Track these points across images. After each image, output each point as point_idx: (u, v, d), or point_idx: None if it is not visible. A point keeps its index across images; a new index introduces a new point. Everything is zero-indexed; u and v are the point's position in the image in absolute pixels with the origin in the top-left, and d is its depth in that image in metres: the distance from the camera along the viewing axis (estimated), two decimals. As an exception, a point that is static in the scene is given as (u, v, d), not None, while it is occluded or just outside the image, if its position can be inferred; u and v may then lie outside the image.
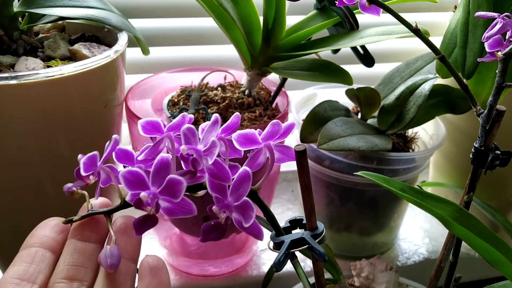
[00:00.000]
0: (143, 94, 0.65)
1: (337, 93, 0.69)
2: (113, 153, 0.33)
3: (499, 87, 0.36)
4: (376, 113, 0.63)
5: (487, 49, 0.40)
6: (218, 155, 0.34)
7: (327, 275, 0.59)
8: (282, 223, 0.79)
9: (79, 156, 0.31)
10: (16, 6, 0.52)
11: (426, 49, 0.45)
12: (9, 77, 0.41)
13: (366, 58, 0.57)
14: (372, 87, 0.62)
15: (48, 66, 0.48)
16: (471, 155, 0.39)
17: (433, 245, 0.73)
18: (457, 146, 0.70)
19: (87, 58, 0.48)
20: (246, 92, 0.61)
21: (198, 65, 0.70)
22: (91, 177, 0.32)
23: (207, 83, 0.64)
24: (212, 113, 0.57)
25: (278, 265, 0.34)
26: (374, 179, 0.37)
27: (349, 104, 0.67)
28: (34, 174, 0.48)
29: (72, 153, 0.32)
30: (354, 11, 0.54)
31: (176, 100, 0.61)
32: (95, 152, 0.31)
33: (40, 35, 0.56)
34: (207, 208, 0.31)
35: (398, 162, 0.59)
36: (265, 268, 0.69)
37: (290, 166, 0.85)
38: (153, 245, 0.71)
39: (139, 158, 0.33)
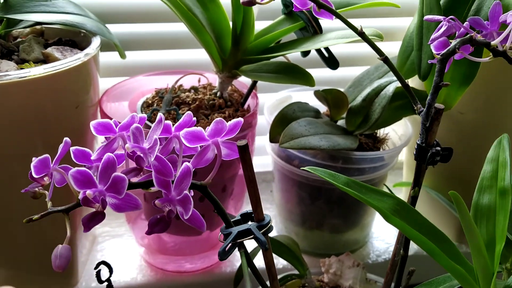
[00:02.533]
0: (120, 96, 0.67)
1: (312, 96, 0.71)
2: (71, 153, 0.35)
3: (436, 86, 0.38)
4: (345, 115, 0.65)
5: (433, 51, 0.43)
6: (173, 152, 0.36)
7: (295, 271, 0.61)
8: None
9: (33, 159, 0.34)
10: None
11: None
12: (-21, 79, 0.44)
13: (331, 61, 0.59)
14: (339, 89, 0.64)
15: (22, 69, 0.50)
16: (414, 151, 0.41)
17: (404, 243, 0.75)
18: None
19: (59, 61, 0.50)
20: (218, 94, 0.63)
21: (175, 68, 0.72)
22: (45, 178, 0.34)
23: (181, 85, 0.66)
24: (183, 114, 0.59)
25: (222, 253, 0.36)
26: (320, 174, 0.39)
27: (322, 106, 0.69)
28: (8, 170, 0.51)
29: (45, 151, 0.35)
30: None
31: (150, 101, 0.64)
32: (46, 155, 0.33)
33: (19, 39, 0.59)
34: (152, 202, 0.33)
35: (363, 161, 0.61)
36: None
37: (269, 167, 0.87)
38: (131, 243, 0.73)
39: (92, 158, 0.36)
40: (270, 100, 0.72)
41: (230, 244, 0.37)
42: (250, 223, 0.39)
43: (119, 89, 0.66)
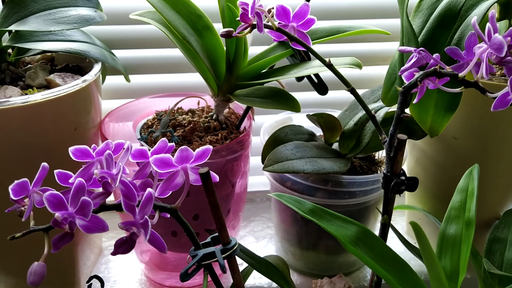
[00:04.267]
0: (124, 117, 0.71)
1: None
2: (55, 175, 0.39)
3: (398, 118, 0.39)
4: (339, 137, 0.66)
5: (404, 81, 0.44)
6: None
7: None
8: (261, 240, 0.83)
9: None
10: (5, 41, 0.59)
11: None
12: (-18, 105, 0.48)
13: (320, 87, 0.60)
14: (333, 112, 0.65)
15: (25, 94, 0.55)
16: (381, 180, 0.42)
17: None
18: (425, 171, 0.71)
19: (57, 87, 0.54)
20: (214, 116, 0.66)
21: (178, 90, 0.75)
22: (25, 199, 0.38)
23: (180, 108, 0.69)
24: (178, 136, 0.62)
25: (184, 275, 0.38)
26: (285, 201, 0.41)
27: (319, 129, 0.71)
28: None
29: (48, 170, 0.38)
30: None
31: (150, 123, 0.67)
32: (25, 179, 0.37)
33: (29, 65, 0.63)
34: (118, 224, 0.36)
35: (352, 184, 0.62)
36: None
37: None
38: (134, 258, 0.76)
39: (70, 181, 0.39)
40: (269, 121, 0.74)
41: (194, 265, 0.39)
42: (217, 246, 0.41)
43: (123, 110, 0.70)
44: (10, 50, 0.62)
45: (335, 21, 0.76)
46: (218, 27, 0.62)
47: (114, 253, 0.36)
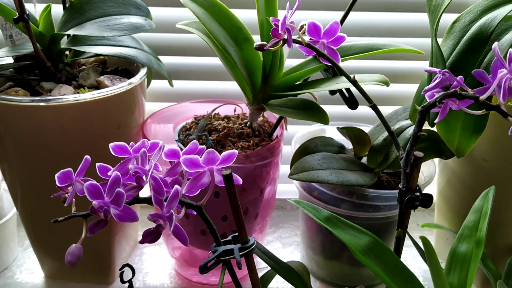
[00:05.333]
0: (166, 119, 0.75)
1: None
2: (97, 168, 0.43)
3: (415, 135, 0.41)
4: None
5: (427, 100, 0.45)
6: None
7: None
8: (287, 247, 0.86)
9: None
10: (64, 44, 0.65)
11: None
12: (39, 100, 0.54)
13: (350, 101, 0.62)
14: (364, 127, 0.67)
15: (78, 93, 0.60)
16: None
17: (426, 286, 0.74)
18: (454, 191, 0.71)
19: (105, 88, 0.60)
20: (248, 123, 0.69)
21: (217, 97, 0.79)
22: (69, 187, 0.42)
23: (217, 113, 0.73)
24: (213, 140, 0.66)
25: (203, 267, 0.41)
26: (302, 207, 0.43)
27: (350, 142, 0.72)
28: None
29: (92, 164, 0.42)
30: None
31: (188, 126, 0.71)
32: (69, 169, 0.41)
33: (83, 67, 0.69)
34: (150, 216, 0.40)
35: (377, 198, 0.63)
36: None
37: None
38: (166, 252, 0.81)
39: (108, 174, 0.43)
40: (301, 132, 0.76)
41: (213, 260, 0.42)
42: (237, 244, 0.44)
43: (165, 112, 0.75)
44: (67, 52, 0.69)
45: (371, 38, 0.78)
46: (257, 39, 0.65)
47: (141, 242, 0.40)
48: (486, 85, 0.44)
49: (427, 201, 0.42)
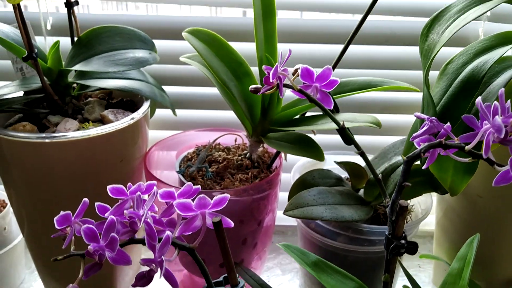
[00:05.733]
0: (170, 147, 0.77)
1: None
2: (96, 208, 0.45)
3: (400, 186, 0.42)
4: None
5: (416, 146, 0.46)
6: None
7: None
8: (287, 273, 0.87)
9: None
10: (71, 77, 0.68)
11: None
12: (44, 137, 0.57)
13: (345, 137, 0.63)
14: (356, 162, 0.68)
15: (82, 127, 0.63)
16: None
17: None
18: (451, 224, 0.72)
19: (112, 122, 0.62)
20: (248, 155, 0.71)
21: (220, 125, 0.81)
22: (68, 228, 0.44)
23: (218, 143, 0.75)
24: (212, 172, 0.68)
25: (192, 309, 0.43)
26: (290, 252, 0.45)
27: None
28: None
29: (94, 197, 0.44)
30: (334, 96, 0.62)
31: (190, 156, 0.73)
32: (68, 212, 0.43)
33: (89, 99, 0.72)
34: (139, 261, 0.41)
35: (372, 233, 0.64)
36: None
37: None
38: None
39: (105, 215, 0.45)
40: (302, 161, 0.78)
41: (203, 301, 0.44)
42: (227, 286, 0.45)
43: (169, 142, 0.77)
44: (75, 84, 0.71)
45: (371, 71, 0.79)
46: (257, 71, 0.67)
47: (134, 285, 0.42)
48: (475, 131, 0.46)
49: (412, 248, 0.43)
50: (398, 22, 0.78)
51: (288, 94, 0.70)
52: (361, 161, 0.65)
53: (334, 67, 0.66)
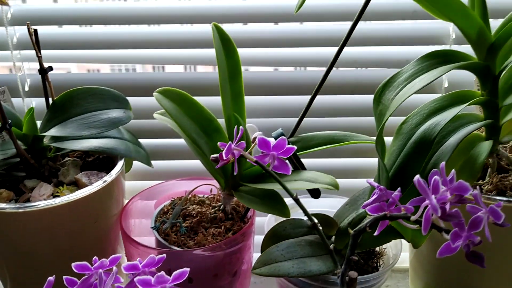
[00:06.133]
0: (150, 197, 0.79)
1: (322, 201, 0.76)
2: (64, 280, 0.47)
3: (347, 259, 0.44)
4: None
5: (369, 213, 0.48)
6: None
7: None
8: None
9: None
10: (47, 139, 0.71)
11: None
12: (17, 207, 0.59)
13: (312, 192, 0.66)
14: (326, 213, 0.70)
15: (57, 192, 0.65)
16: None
17: None
18: (421, 267, 0.74)
19: (85, 186, 0.64)
20: (222, 207, 0.73)
21: (198, 173, 0.83)
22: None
23: (194, 195, 0.77)
24: (186, 227, 0.70)
25: None
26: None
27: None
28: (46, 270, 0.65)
29: (71, 260, 0.46)
30: (299, 154, 0.64)
31: (166, 209, 0.75)
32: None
33: (66, 158, 0.74)
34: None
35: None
36: None
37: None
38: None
39: (73, 288, 0.47)
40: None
41: None
42: None
43: (146, 194, 0.79)
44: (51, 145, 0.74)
45: (336, 122, 0.82)
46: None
47: None
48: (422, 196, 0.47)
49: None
50: (364, 71, 0.81)
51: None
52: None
53: (303, 116, 0.68)
